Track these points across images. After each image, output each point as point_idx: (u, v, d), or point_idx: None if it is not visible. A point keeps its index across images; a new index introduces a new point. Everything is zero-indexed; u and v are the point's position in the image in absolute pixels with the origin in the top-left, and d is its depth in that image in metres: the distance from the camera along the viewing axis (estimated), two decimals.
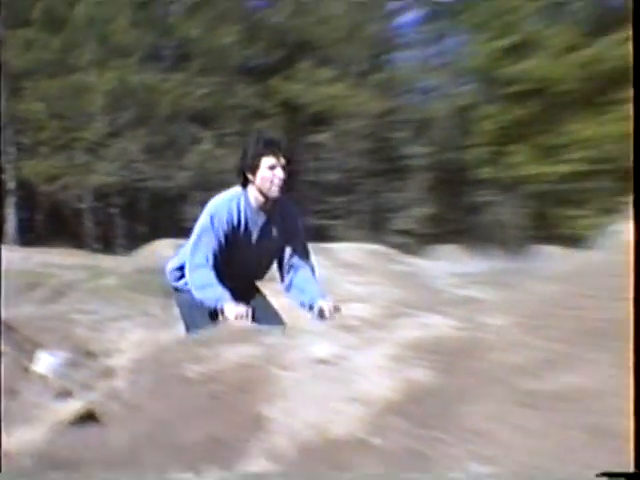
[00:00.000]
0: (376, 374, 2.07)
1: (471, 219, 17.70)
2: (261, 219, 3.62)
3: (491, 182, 17.38)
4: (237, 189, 3.62)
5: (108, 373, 3.41)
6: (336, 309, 3.44)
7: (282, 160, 3.41)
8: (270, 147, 3.44)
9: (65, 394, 3.24)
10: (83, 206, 18.88)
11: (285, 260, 3.74)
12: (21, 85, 16.68)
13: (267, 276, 3.74)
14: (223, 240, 3.56)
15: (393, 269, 13.13)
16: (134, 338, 5.95)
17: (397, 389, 1.97)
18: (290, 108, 16.81)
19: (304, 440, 1.85)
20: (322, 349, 2.27)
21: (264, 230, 3.65)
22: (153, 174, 17.46)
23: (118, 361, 3.60)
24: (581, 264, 2.69)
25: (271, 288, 3.86)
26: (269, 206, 3.59)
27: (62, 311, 7.65)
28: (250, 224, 3.59)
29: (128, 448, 2.01)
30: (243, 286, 3.75)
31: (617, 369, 1.74)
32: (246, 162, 3.49)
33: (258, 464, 1.86)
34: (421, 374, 2.01)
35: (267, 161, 3.40)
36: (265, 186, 3.46)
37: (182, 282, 3.66)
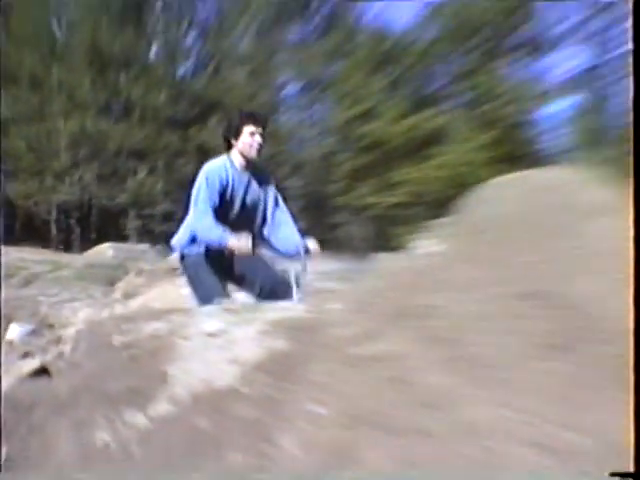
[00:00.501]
0: (249, 343, 2.51)
1: (331, 234, 21.04)
2: (245, 178, 4.18)
3: (345, 207, 21.48)
4: (223, 156, 4.18)
5: (59, 340, 4.07)
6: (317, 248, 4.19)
7: (260, 128, 4.10)
8: (251, 117, 4.16)
9: (27, 355, 3.99)
10: (50, 217, 21.57)
11: (268, 213, 4.30)
12: (8, 128, 18.97)
13: None
14: (217, 197, 4.03)
15: None
16: (81, 315, 6.37)
17: (263, 354, 2.41)
18: (203, 150, 18.64)
19: (196, 390, 2.27)
20: (211, 325, 2.71)
21: (248, 187, 4.20)
22: (102, 195, 20.39)
23: (67, 332, 3.98)
24: (395, 266, 3.11)
25: None
26: (250, 167, 4.18)
27: (31, 294, 8.21)
28: (237, 183, 4.12)
29: (69, 394, 2.41)
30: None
31: (415, 341, 2.23)
32: (231, 130, 4.14)
33: (163, 407, 2.26)
34: (280, 344, 2.47)
35: (248, 129, 4.08)
36: (246, 149, 4.11)
37: (189, 248, 4.12)
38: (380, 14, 23.92)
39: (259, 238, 4.18)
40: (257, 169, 4.28)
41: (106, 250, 14.82)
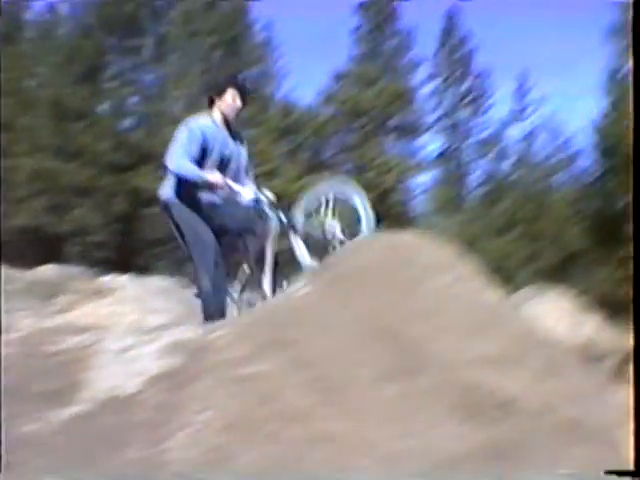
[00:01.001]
0: (151, 359, 2.95)
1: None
2: (223, 133, 4.64)
3: None
4: (204, 113, 4.70)
5: (7, 344, 3.99)
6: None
7: (239, 94, 4.66)
8: (235, 82, 4.77)
9: None
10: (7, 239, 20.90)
11: (242, 166, 4.82)
12: None
13: None
14: (198, 147, 4.45)
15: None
16: (26, 322, 5.96)
17: (162, 369, 2.85)
18: (137, 192, 21.88)
19: (106, 395, 2.73)
20: (123, 342, 3.16)
21: (224, 143, 4.64)
22: (50, 222, 22.70)
23: (13, 337, 4.08)
24: (273, 302, 3.88)
25: None
26: (227, 126, 4.68)
27: None
28: (216, 136, 4.56)
29: (7, 390, 2.72)
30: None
31: (283, 365, 2.71)
32: (216, 90, 4.71)
33: (80, 407, 2.67)
34: (173, 360, 2.92)
35: (232, 91, 4.65)
36: (227, 109, 4.66)
37: (173, 196, 4.56)
38: (290, 91, 26.66)
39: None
40: (233, 129, 4.72)
41: (49, 270, 15.06)
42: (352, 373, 2.71)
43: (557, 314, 13.09)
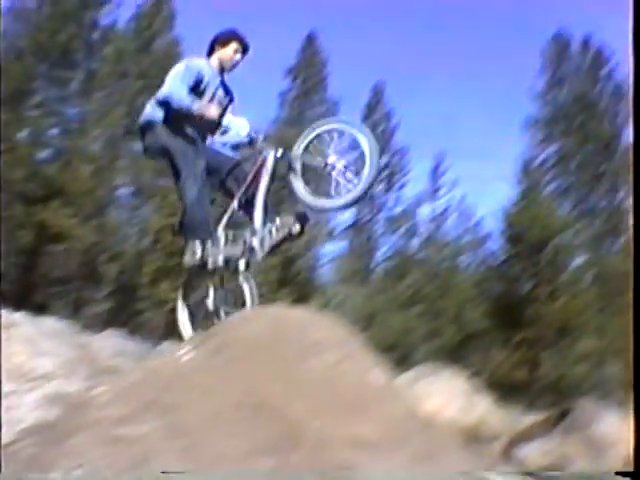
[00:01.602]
0: (29, 407, 3.05)
1: (134, 318, 23.75)
2: (217, 79, 4.77)
3: (149, 298, 23.89)
4: (202, 58, 4.79)
5: None
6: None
7: (241, 49, 4.82)
8: (239, 38, 4.83)
9: None
10: None
11: (227, 110, 4.86)
12: None
13: None
14: (193, 80, 4.57)
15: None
16: None
17: (39, 417, 2.93)
18: (44, 227, 21.89)
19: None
20: (5, 387, 3.25)
21: (218, 88, 4.77)
22: None
23: None
24: (157, 364, 3.65)
25: None
26: (221, 75, 4.81)
27: None
28: (210, 79, 4.68)
29: None
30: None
31: (158, 428, 2.68)
32: (220, 40, 4.82)
33: None
34: (52, 411, 3.01)
35: (235, 45, 4.79)
36: (226, 60, 4.81)
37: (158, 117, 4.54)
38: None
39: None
40: (225, 81, 4.87)
41: None
42: (227, 444, 2.70)
43: (450, 394, 13.16)
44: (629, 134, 30.60)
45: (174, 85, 4.51)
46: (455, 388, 13.48)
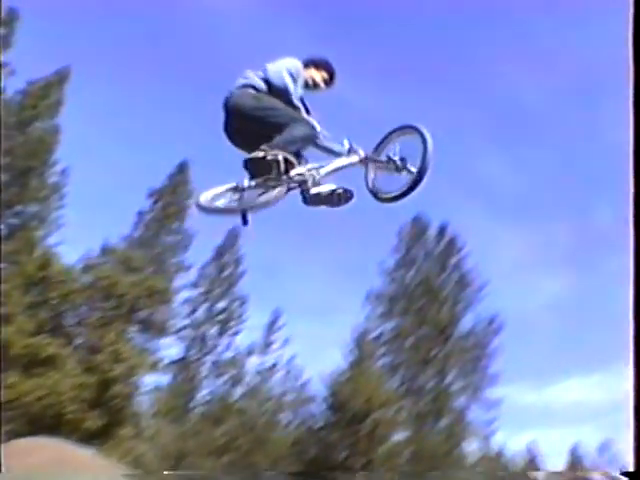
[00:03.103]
0: None
1: None
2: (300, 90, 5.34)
3: None
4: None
5: None
6: None
7: (327, 81, 5.54)
8: (332, 73, 5.54)
9: None
10: None
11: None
12: None
13: None
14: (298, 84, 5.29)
15: None
16: None
17: None
18: None
19: None
20: None
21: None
22: None
23: None
24: None
25: None
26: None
27: None
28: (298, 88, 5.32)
29: None
30: None
31: None
32: (318, 63, 5.54)
33: None
34: None
35: (325, 74, 5.52)
36: (312, 80, 5.49)
37: None
38: (57, 244, 26.77)
39: None
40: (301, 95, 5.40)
41: None
42: None
43: None
44: (466, 322, 32.88)
45: (289, 82, 5.19)
46: None
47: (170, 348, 28.79)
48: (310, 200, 5.18)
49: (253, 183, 4.94)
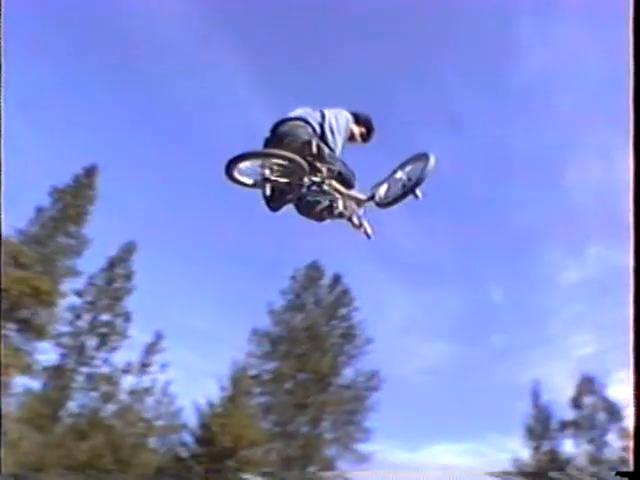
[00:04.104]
0: None
1: None
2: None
3: None
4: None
5: None
6: None
7: (365, 137, 6.18)
8: (371, 130, 6.12)
9: None
10: None
11: None
12: None
13: None
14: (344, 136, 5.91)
15: None
16: None
17: None
18: None
19: None
20: None
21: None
22: None
23: None
24: None
25: None
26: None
27: None
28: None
29: None
30: None
31: None
32: (361, 119, 6.15)
33: None
34: None
35: (364, 130, 6.11)
36: (353, 133, 6.11)
37: None
38: None
39: None
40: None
41: None
42: None
43: None
44: (346, 374, 33.44)
45: (338, 139, 5.79)
46: None
47: (46, 353, 27.89)
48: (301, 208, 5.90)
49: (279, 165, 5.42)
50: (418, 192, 5.72)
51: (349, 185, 5.82)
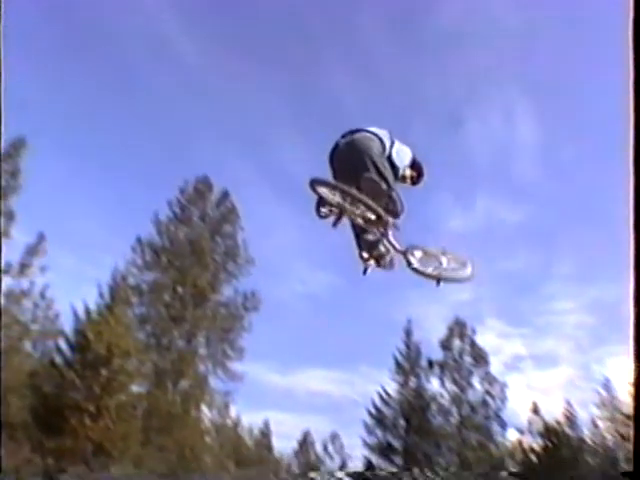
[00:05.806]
0: None
1: None
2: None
3: None
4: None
5: None
6: None
7: (415, 180, 6.40)
8: (421, 175, 6.43)
9: None
10: None
11: None
12: None
13: None
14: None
15: None
16: None
17: None
18: None
19: None
20: None
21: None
22: None
23: None
24: None
25: None
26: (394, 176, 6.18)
27: None
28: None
29: None
30: None
31: None
32: (414, 164, 6.29)
33: None
34: None
35: (414, 174, 6.32)
36: (402, 172, 6.22)
37: None
38: None
39: None
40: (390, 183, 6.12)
41: None
42: None
43: None
44: (225, 291, 34.28)
45: (398, 170, 6.07)
46: None
47: None
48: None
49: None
50: (441, 284, 6.01)
51: (395, 215, 6.06)
